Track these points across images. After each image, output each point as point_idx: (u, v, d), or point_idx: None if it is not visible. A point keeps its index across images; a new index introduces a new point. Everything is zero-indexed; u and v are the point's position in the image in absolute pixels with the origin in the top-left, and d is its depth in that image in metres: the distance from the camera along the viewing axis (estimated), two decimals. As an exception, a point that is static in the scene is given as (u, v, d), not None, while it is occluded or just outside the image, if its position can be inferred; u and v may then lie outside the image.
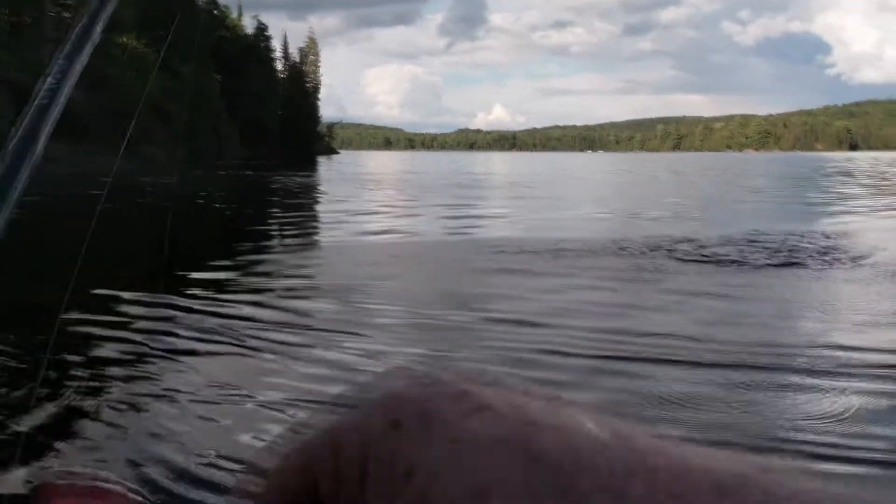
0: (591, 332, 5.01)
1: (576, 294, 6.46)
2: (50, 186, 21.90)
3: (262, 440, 2.97)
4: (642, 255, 8.40)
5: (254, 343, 4.69)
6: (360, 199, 20.30)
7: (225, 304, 5.90)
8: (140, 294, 6.11)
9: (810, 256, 8.29)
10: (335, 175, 39.55)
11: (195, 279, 7.01)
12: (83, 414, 3.43)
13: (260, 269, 8.07)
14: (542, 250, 8.90)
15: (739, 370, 4.09)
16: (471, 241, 10.62)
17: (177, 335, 4.88)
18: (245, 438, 3.17)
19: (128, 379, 3.94)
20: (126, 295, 6.11)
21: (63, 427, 3.23)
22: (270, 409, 3.52)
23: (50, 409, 3.47)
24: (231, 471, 2.88)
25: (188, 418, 3.41)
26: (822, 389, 3.78)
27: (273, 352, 4.51)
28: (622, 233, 10.67)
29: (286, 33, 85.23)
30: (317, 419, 0.31)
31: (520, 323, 5.28)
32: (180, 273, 7.28)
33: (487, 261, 8.47)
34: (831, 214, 14.95)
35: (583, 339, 4.76)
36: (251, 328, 5.04)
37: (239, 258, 8.67)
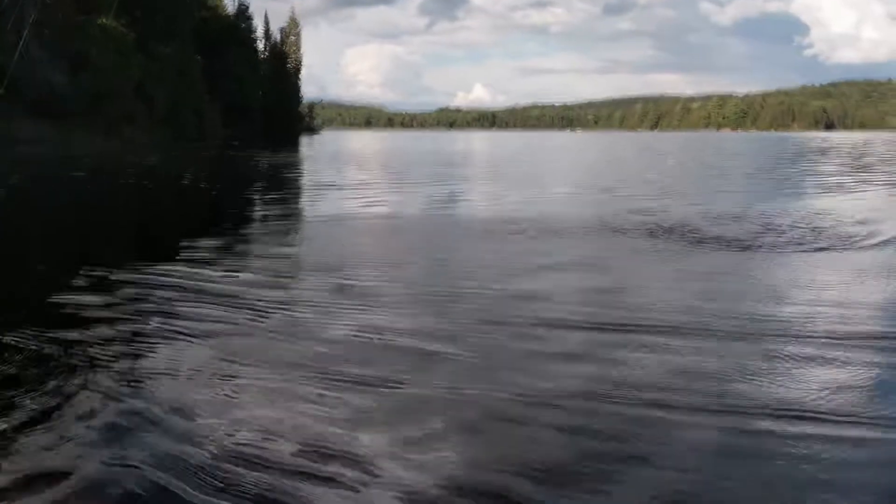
0: (580, 302, 5.45)
1: (561, 263, 6.89)
2: (32, 168, 21.85)
3: (262, 414, 3.32)
4: (627, 233, 8.72)
5: (249, 316, 4.90)
6: (342, 178, 20.41)
7: (219, 278, 6.18)
8: (135, 268, 6.40)
9: (796, 233, 8.57)
10: (317, 154, 39.50)
11: (186, 257, 7.30)
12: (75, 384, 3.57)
13: (250, 246, 8.33)
14: (526, 227, 9.30)
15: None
16: (454, 217, 10.96)
17: (172, 310, 5.11)
18: (247, 413, 3.39)
19: (123, 356, 4.06)
20: (122, 269, 6.45)
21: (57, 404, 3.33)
22: (271, 383, 3.73)
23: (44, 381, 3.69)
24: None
25: (175, 390, 3.59)
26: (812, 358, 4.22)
27: (268, 325, 4.72)
28: (606, 210, 11.07)
29: (267, 13, 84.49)
30: None
31: (507, 292, 5.68)
32: (173, 252, 7.53)
33: (471, 236, 8.86)
34: (808, 193, 15.44)
35: (568, 308, 5.16)
36: (246, 302, 5.27)
37: (229, 236, 8.94)
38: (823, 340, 4.31)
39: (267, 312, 4.99)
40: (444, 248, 8.13)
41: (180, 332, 4.52)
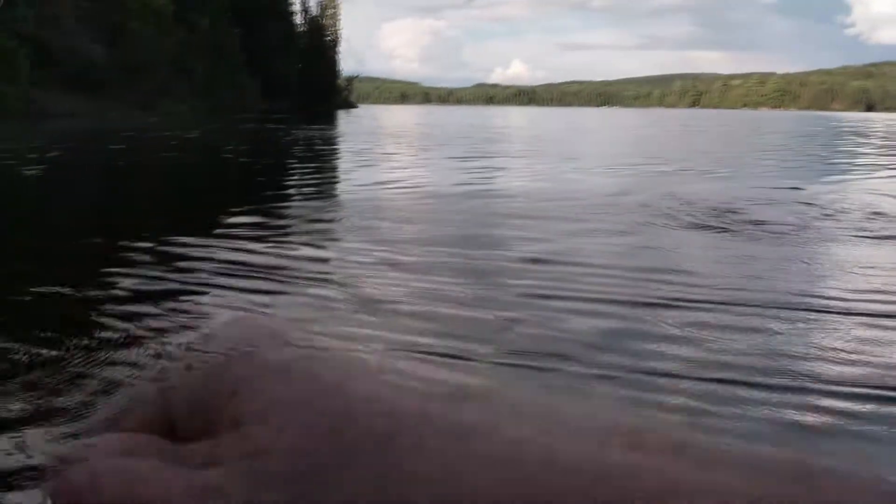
0: (622, 278, 5.44)
1: (597, 240, 6.90)
2: (71, 141, 22.15)
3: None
4: (666, 215, 8.59)
5: (296, 287, 4.97)
6: (382, 152, 20.44)
7: (267, 251, 6.26)
8: (182, 243, 6.41)
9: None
10: (356, 129, 39.45)
11: (234, 224, 7.41)
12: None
13: (292, 216, 8.43)
14: (563, 202, 9.28)
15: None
16: (494, 193, 10.91)
17: (226, 283, 5.18)
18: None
19: (184, 328, 4.06)
20: (179, 239, 6.53)
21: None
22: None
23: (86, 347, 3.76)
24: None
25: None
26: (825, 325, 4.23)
27: (321, 296, 4.76)
28: (647, 189, 10.99)
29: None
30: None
31: (542, 262, 5.76)
32: (220, 224, 7.57)
33: (511, 211, 8.83)
34: (849, 173, 15.21)
35: (601, 280, 5.18)
36: (292, 273, 5.35)
37: (276, 209, 9.01)
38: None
39: (316, 284, 5.03)
40: (486, 221, 8.10)
41: (234, 305, 4.52)
